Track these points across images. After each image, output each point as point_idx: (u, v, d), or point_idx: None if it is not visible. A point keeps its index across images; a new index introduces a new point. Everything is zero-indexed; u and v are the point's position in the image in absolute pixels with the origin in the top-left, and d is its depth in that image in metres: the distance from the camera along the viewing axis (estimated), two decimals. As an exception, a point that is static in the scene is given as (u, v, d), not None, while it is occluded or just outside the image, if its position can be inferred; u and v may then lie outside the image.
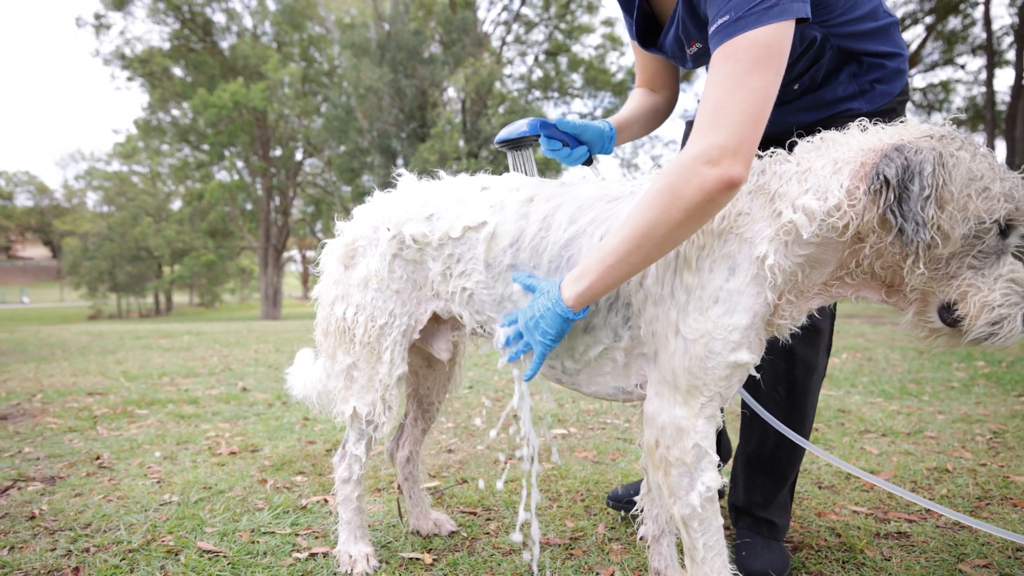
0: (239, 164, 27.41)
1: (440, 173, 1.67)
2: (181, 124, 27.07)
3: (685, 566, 1.34)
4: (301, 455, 2.78)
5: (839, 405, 3.62)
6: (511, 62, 25.14)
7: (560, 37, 24.68)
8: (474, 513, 2.10)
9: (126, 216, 33.48)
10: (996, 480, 2.30)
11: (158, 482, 2.42)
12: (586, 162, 1.66)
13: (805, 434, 1.72)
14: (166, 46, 26.17)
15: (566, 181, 1.56)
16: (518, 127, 1.60)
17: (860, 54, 1.46)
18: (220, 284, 39.28)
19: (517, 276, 1.36)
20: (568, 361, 1.42)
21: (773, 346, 1.59)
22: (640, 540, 1.62)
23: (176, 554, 1.78)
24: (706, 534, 1.27)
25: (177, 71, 27.05)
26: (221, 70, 26.57)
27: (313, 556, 1.77)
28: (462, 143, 19.36)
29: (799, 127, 1.52)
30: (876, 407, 3.56)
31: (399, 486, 1.96)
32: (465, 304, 1.53)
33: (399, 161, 19.85)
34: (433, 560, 1.74)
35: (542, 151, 1.61)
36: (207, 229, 29.56)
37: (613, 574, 1.66)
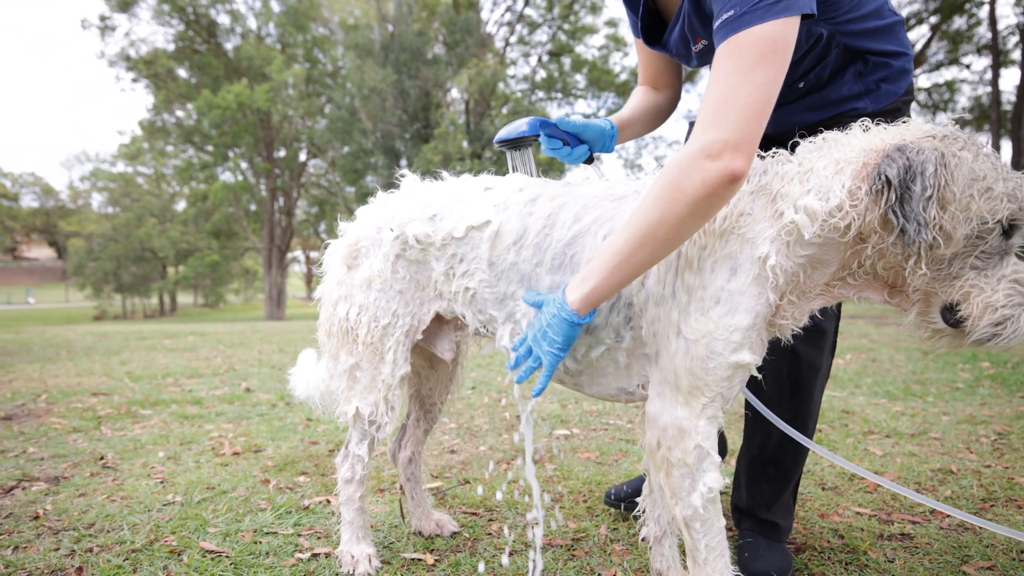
0: (243, 165, 27.50)
1: (443, 174, 1.67)
2: (185, 125, 27.16)
3: (687, 567, 1.34)
4: (304, 456, 2.78)
5: (843, 406, 3.61)
6: (514, 63, 25.17)
7: (563, 38, 24.68)
8: (476, 514, 2.10)
9: (131, 217, 33.59)
10: (1000, 482, 2.29)
11: (161, 482, 2.43)
12: (587, 160, 1.65)
13: (809, 435, 1.71)
14: (171, 47, 26.26)
15: (570, 181, 1.56)
16: (517, 127, 1.60)
17: (865, 53, 1.46)
18: (224, 285, 39.37)
19: (527, 296, 1.34)
20: (570, 362, 1.42)
21: (777, 347, 1.59)
22: (642, 541, 1.62)
23: (179, 554, 1.78)
24: (708, 535, 1.26)
25: (181, 72, 27.14)
26: (225, 71, 26.64)
27: (315, 556, 1.77)
28: (466, 144, 19.38)
29: (803, 127, 1.51)
30: (880, 408, 3.54)
31: (401, 487, 1.96)
32: (468, 304, 1.53)
33: (403, 162, 19.88)
34: (435, 561, 1.74)
35: (543, 150, 1.61)
36: (211, 230, 29.64)
37: (615, 575, 1.66)
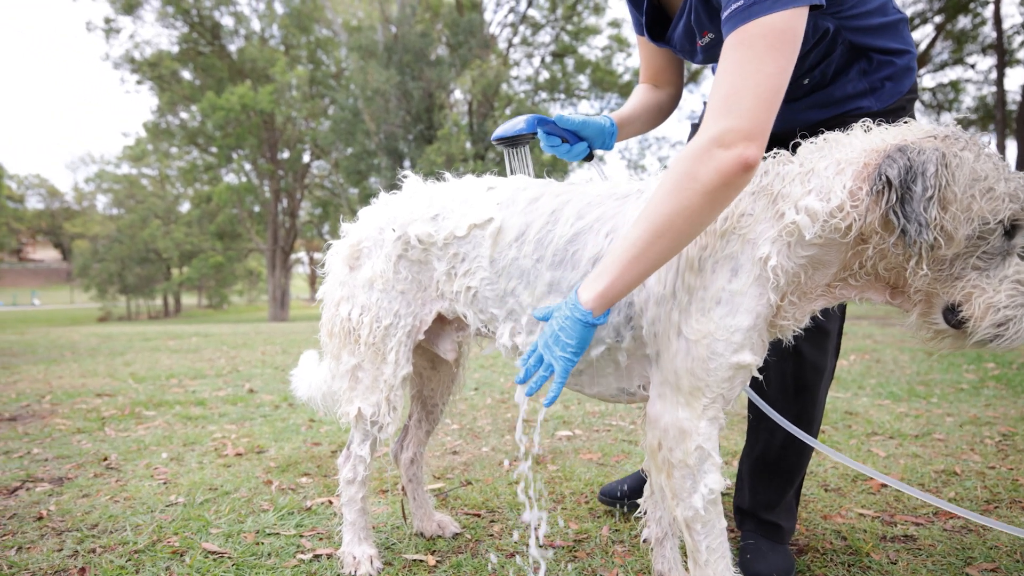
0: (247, 166, 27.56)
1: (446, 175, 1.68)
2: (190, 127, 27.25)
3: (688, 569, 1.34)
4: (307, 456, 2.79)
5: (846, 407, 3.60)
6: (518, 64, 25.17)
7: (567, 39, 24.68)
8: (478, 515, 2.10)
9: (135, 218, 33.71)
10: (1005, 483, 2.28)
11: (164, 483, 2.43)
12: (587, 158, 1.66)
13: (813, 436, 1.70)
14: (175, 49, 26.37)
15: (574, 182, 1.57)
16: (515, 124, 1.61)
17: (870, 50, 1.46)
18: (228, 286, 39.42)
19: (536, 312, 1.30)
20: None
21: (782, 348, 1.58)
22: (644, 543, 1.62)
23: (181, 555, 1.79)
24: (709, 536, 1.26)
25: (186, 74, 27.24)
26: (229, 73, 26.72)
27: (317, 557, 1.77)
28: (469, 145, 19.39)
29: (807, 125, 1.51)
30: (884, 409, 3.53)
31: (403, 488, 1.96)
32: (469, 303, 1.53)
33: (406, 163, 19.90)
34: (437, 562, 1.74)
35: (542, 147, 1.62)
36: (215, 231, 29.72)
37: (617, 576, 1.66)
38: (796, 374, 1.66)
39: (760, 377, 1.38)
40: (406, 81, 19.18)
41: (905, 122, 1.18)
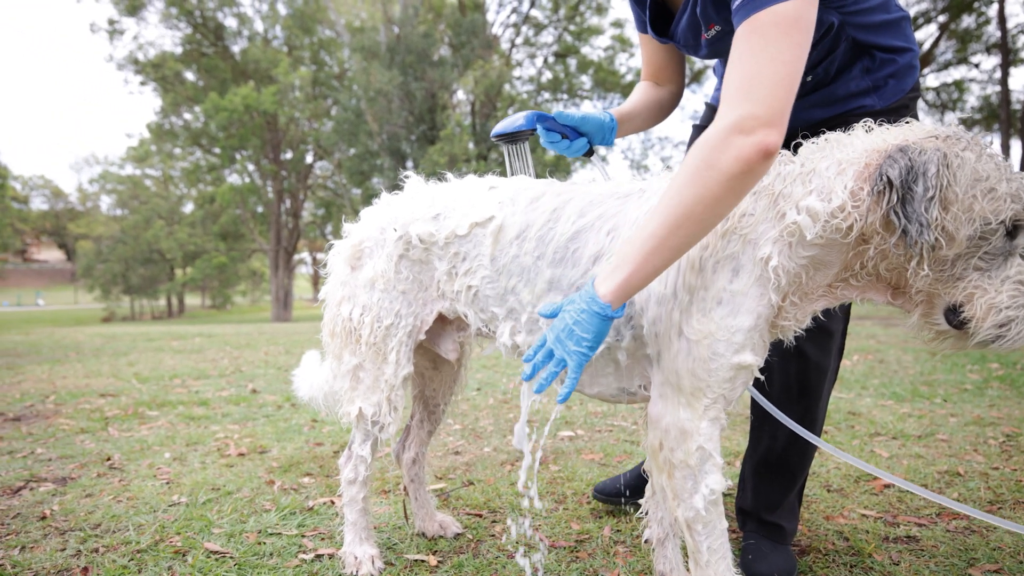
0: (250, 167, 27.61)
1: (448, 175, 1.68)
2: (193, 128, 27.31)
3: (690, 569, 1.34)
4: (309, 457, 2.79)
5: (849, 407, 3.59)
6: (520, 64, 25.19)
7: (569, 39, 24.68)
8: (480, 515, 2.10)
9: (139, 219, 33.83)
10: (1008, 484, 2.27)
11: (167, 483, 2.44)
12: (587, 153, 1.66)
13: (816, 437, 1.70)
14: (178, 51, 26.45)
15: (576, 182, 1.57)
16: (514, 121, 1.61)
17: (872, 48, 1.46)
18: (231, 286, 39.55)
19: (542, 309, 1.28)
20: None
21: (786, 349, 1.58)
22: (645, 543, 1.62)
23: (184, 555, 1.79)
24: (710, 537, 1.26)
25: (189, 75, 27.31)
26: (232, 74, 26.79)
27: (319, 557, 1.77)
28: (472, 145, 19.39)
29: (810, 124, 1.51)
30: (887, 410, 3.52)
31: (405, 488, 1.97)
32: (470, 303, 1.53)
33: (409, 163, 19.92)
34: (438, 562, 1.74)
35: (542, 143, 1.62)
36: (218, 232, 29.78)
37: (618, 577, 1.66)
38: (800, 375, 1.66)
39: (762, 378, 1.37)
40: (409, 82, 19.19)
41: (907, 122, 1.17)
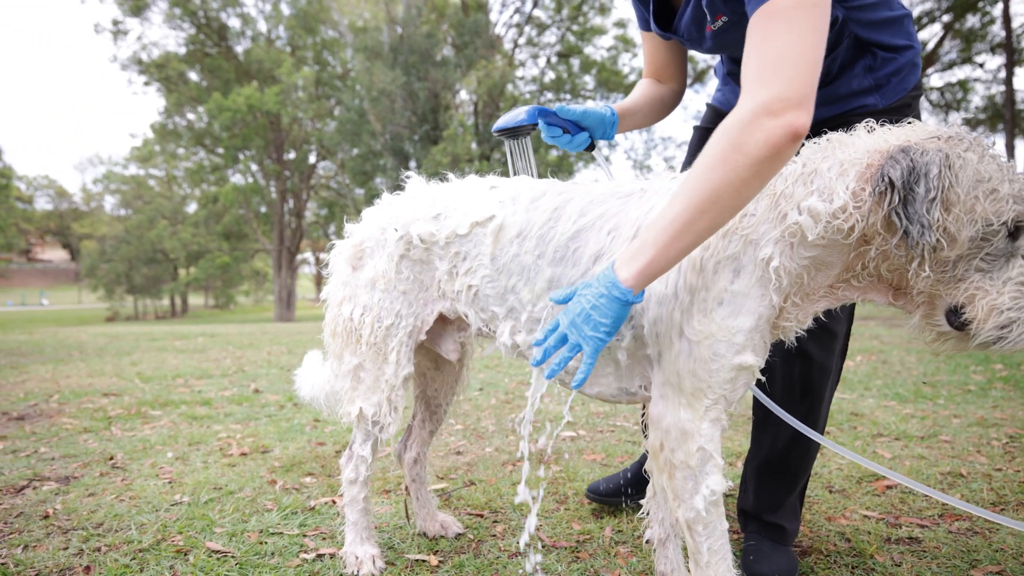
0: (253, 167, 27.69)
1: (449, 176, 1.68)
2: (196, 128, 27.39)
3: (690, 570, 1.34)
4: (311, 456, 2.79)
5: (852, 408, 3.58)
6: (523, 64, 25.19)
7: (572, 39, 24.68)
8: (481, 515, 2.10)
9: (143, 219, 33.93)
10: (1012, 485, 2.27)
11: (169, 482, 2.44)
12: (588, 148, 1.66)
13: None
14: (182, 51, 26.52)
15: (578, 181, 1.57)
16: (516, 115, 1.61)
17: (874, 45, 1.45)
18: (235, 286, 39.65)
19: (554, 295, 1.27)
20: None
21: (789, 350, 1.58)
22: (646, 543, 1.62)
23: (185, 554, 1.80)
24: (711, 538, 1.26)
25: (193, 75, 27.39)
26: (236, 74, 26.85)
27: (320, 557, 1.78)
28: (474, 145, 19.41)
29: (812, 124, 1.50)
30: (890, 410, 3.51)
31: (406, 487, 1.97)
32: (470, 303, 1.53)
33: (412, 164, 19.94)
34: (439, 562, 1.74)
35: (543, 138, 1.62)
36: (222, 232, 29.86)
37: (619, 577, 1.66)
38: (803, 376, 1.65)
39: (763, 379, 1.37)
40: (412, 82, 19.22)
41: (909, 122, 1.17)
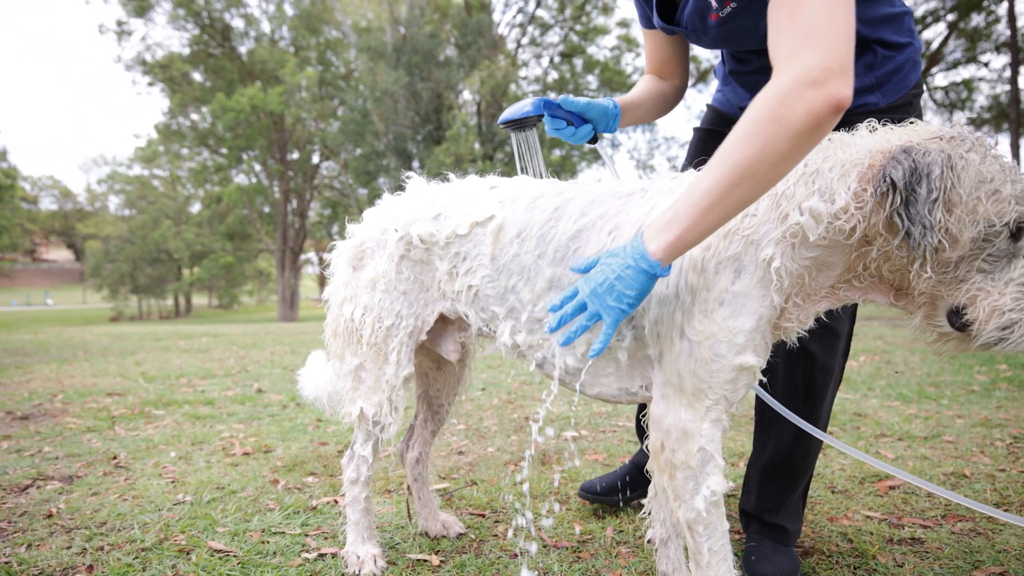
0: (257, 167, 27.76)
1: (453, 176, 1.68)
2: (200, 128, 27.49)
3: (691, 570, 1.33)
4: (313, 456, 2.80)
5: (855, 408, 3.57)
6: (526, 64, 25.19)
7: (575, 39, 24.68)
8: (482, 515, 2.10)
9: (147, 219, 34.03)
10: (1015, 486, 2.26)
11: (172, 482, 2.45)
12: (591, 140, 1.67)
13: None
14: (186, 51, 26.62)
15: (579, 181, 1.57)
16: (521, 107, 1.62)
17: (874, 43, 1.45)
18: (238, 286, 39.72)
19: (574, 264, 1.25)
20: (570, 359, 1.41)
21: (791, 350, 1.57)
22: (648, 543, 1.62)
23: (188, 553, 1.80)
24: (711, 538, 1.26)
25: (196, 76, 27.47)
26: (239, 75, 26.92)
27: (322, 556, 1.78)
28: (477, 145, 19.42)
29: None
30: (893, 411, 3.50)
31: (408, 487, 1.97)
32: (471, 303, 1.53)
33: (415, 164, 19.96)
34: (440, 562, 1.75)
35: (547, 131, 1.63)
36: (225, 232, 29.95)
37: (620, 578, 1.65)
38: (806, 376, 1.65)
39: (764, 380, 1.37)
40: (415, 82, 19.24)
41: (911, 122, 1.17)
